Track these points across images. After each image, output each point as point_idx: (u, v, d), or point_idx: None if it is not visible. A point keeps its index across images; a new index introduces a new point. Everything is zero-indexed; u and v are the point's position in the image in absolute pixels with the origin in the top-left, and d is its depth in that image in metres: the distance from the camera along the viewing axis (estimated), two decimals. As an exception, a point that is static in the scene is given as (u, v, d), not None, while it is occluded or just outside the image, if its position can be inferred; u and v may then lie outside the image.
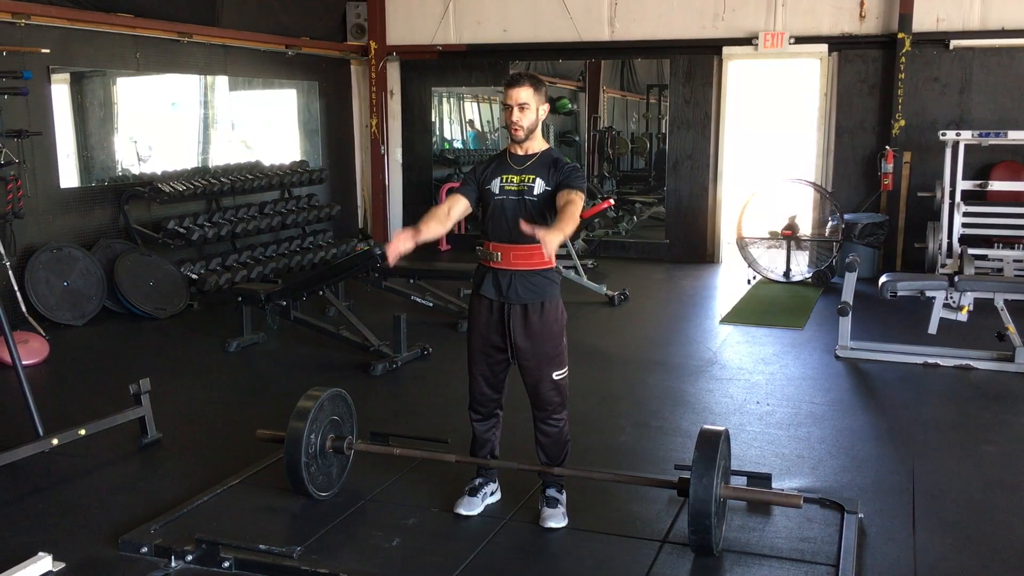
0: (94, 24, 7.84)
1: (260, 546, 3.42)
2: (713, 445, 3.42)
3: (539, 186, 3.65)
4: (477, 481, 3.98)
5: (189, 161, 9.27)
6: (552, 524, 3.77)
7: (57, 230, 7.62)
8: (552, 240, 3.24)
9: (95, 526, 3.81)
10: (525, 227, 3.39)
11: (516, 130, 3.65)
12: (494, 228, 3.71)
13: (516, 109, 3.63)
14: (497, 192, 3.69)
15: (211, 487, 4.10)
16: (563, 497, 3.85)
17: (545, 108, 3.70)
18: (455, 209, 3.77)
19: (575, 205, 3.50)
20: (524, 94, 3.62)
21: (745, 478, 4.04)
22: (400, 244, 3.60)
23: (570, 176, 3.65)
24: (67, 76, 7.95)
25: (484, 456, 3.95)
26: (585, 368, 3.86)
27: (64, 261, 7.41)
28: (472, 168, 3.89)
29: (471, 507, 3.91)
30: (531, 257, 3.66)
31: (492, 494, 4.00)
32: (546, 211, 3.65)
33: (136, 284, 7.72)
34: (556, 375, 3.75)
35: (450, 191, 3.88)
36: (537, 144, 3.73)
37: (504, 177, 3.70)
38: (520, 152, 3.73)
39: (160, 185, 8.23)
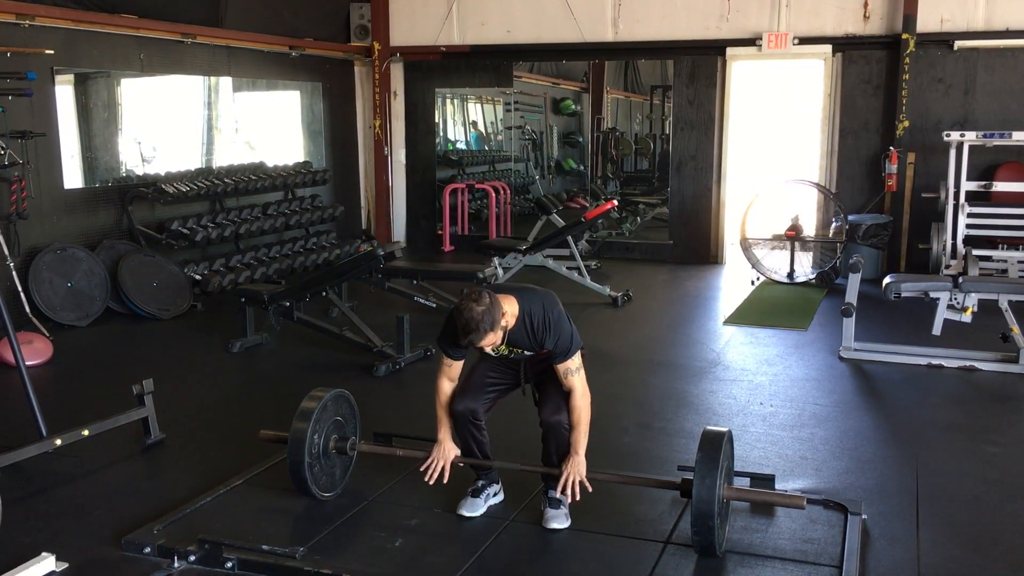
0: (98, 25, 7.85)
1: (263, 546, 3.43)
2: (716, 446, 3.41)
3: (529, 353, 3.75)
4: (480, 483, 3.98)
5: (193, 162, 9.28)
6: (555, 525, 3.77)
7: (61, 231, 7.63)
8: (580, 471, 3.62)
9: (98, 526, 3.81)
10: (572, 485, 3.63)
11: (495, 349, 3.66)
12: (502, 363, 3.85)
13: (488, 347, 3.59)
14: (492, 353, 3.75)
15: (214, 487, 4.10)
16: (566, 498, 3.85)
17: (505, 315, 3.51)
18: (455, 377, 3.85)
19: (582, 406, 3.66)
20: (489, 340, 3.50)
21: (748, 479, 4.03)
22: (449, 453, 3.82)
23: (558, 347, 3.63)
24: (71, 77, 7.96)
25: (476, 456, 3.95)
26: (589, 369, 3.85)
27: (68, 262, 7.42)
28: (445, 337, 3.70)
29: (474, 508, 3.90)
30: (538, 356, 3.79)
31: (495, 495, 4.00)
32: (543, 359, 3.76)
33: (140, 285, 7.73)
34: (573, 364, 3.72)
35: (440, 348, 3.79)
36: (511, 324, 3.61)
37: (493, 348, 3.68)
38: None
39: (164, 186, 8.24)
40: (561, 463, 3.74)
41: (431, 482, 3.80)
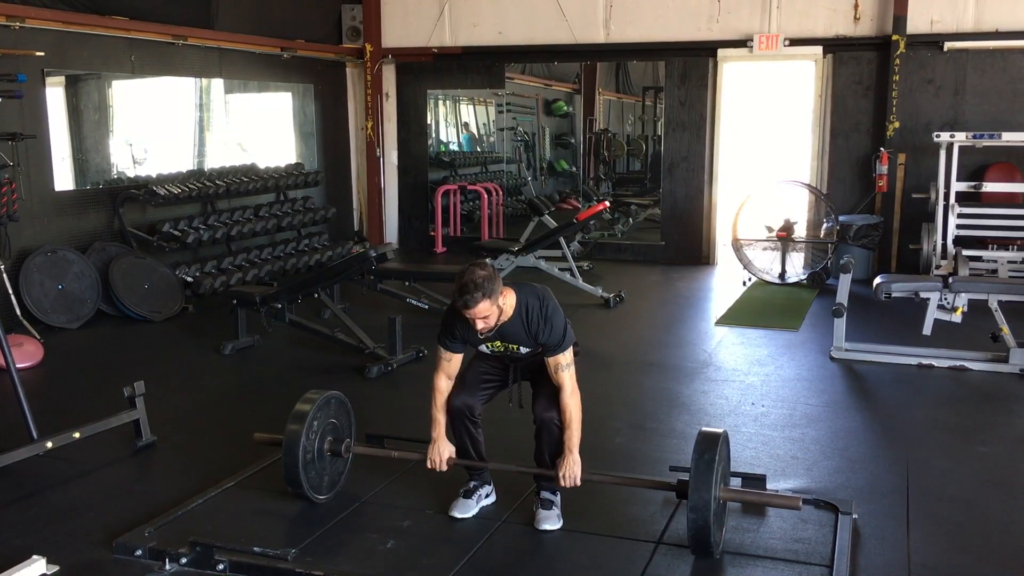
0: (88, 27, 7.83)
1: (255, 548, 3.43)
2: (712, 447, 3.41)
3: (524, 350, 3.75)
4: (472, 483, 3.98)
5: (184, 164, 9.27)
6: (547, 526, 3.77)
7: (52, 233, 7.61)
8: (575, 471, 3.63)
9: (89, 529, 3.80)
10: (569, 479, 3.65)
11: (483, 332, 3.61)
12: (496, 361, 3.87)
13: (479, 321, 3.53)
14: (488, 351, 3.80)
15: (206, 490, 4.09)
16: (557, 499, 3.85)
17: (503, 297, 3.54)
18: (454, 374, 3.83)
19: (573, 404, 3.68)
20: (482, 309, 3.46)
21: (740, 479, 4.04)
22: (444, 451, 3.80)
23: (551, 340, 3.65)
24: (62, 79, 7.94)
25: (471, 457, 3.95)
26: (581, 370, 3.86)
27: (59, 264, 7.40)
28: (447, 323, 3.73)
29: (465, 509, 3.90)
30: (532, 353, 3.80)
31: (487, 496, 4.00)
32: (537, 359, 3.78)
33: (131, 287, 7.71)
34: (564, 360, 3.74)
35: (440, 343, 3.79)
36: (504, 312, 3.60)
37: (489, 344, 3.75)
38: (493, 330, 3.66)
39: (155, 188, 8.23)
40: (554, 461, 3.75)
41: (438, 470, 3.84)
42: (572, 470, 3.64)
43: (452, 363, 3.80)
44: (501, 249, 8.87)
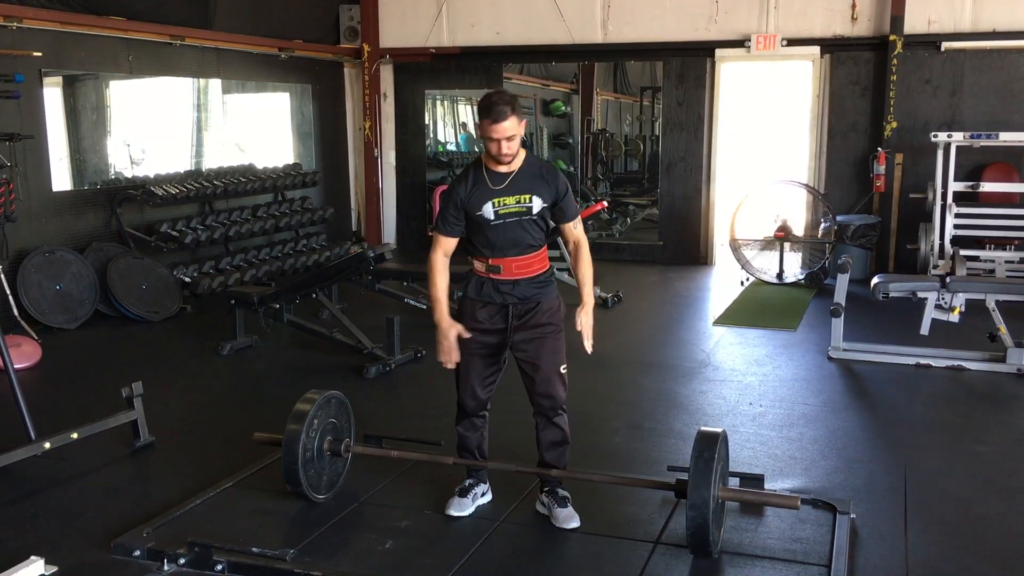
0: (86, 27, 7.83)
1: (253, 549, 3.43)
2: (711, 446, 3.41)
3: (537, 204, 3.64)
4: (468, 482, 3.98)
5: (182, 164, 9.26)
6: (572, 524, 3.77)
7: (49, 233, 7.60)
8: (590, 319, 3.73)
9: (87, 529, 3.80)
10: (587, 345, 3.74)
11: (506, 159, 3.58)
12: (494, 247, 3.69)
13: (504, 142, 3.52)
14: (492, 218, 3.63)
15: (204, 490, 4.09)
16: (569, 496, 3.87)
17: (523, 124, 3.60)
18: (451, 251, 3.79)
19: (588, 260, 3.77)
20: (509, 125, 3.49)
21: (738, 479, 4.05)
22: (452, 333, 3.72)
23: (567, 200, 3.69)
24: (59, 79, 7.94)
25: (472, 456, 3.95)
26: (579, 369, 3.87)
27: (56, 264, 7.39)
28: (448, 194, 3.71)
29: (462, 508, 3.91)
30: (531, 265, 3.73)
31: (483, 495, 4.00)
32: (545, 223, 3.73)
33: (129, 287, 7.71)
34: (563, 368, 3.77)
35: (436, 229, 3.78)
36: (518, 158, 3.66)
37: (496, 201, 3.62)
38: (503, 170, 3.63)
39: (153, 188, 8.22)
40: (556, 464, 3.78)
41: (450, 366, 3.79)
42: (590, 322, 3.77)
43: (449, 243, 3.77)
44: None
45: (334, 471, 4.07)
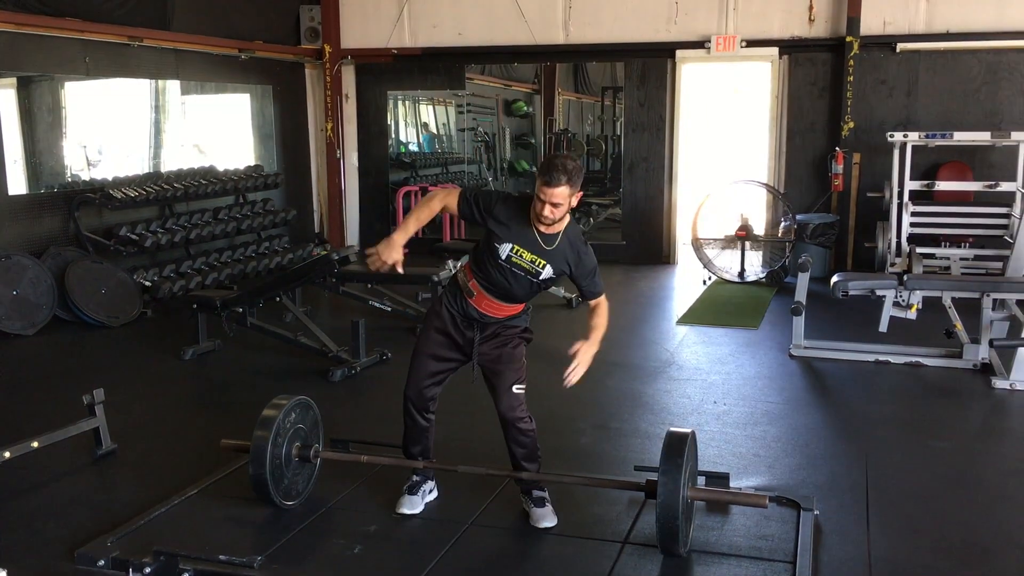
0: (42, 28, 7.70)
1: (220, 556, 3.40)
2: (681, 446, 3.45)
3: (546, 273, 3.66)
4: (415, 478, 4.02)
5: (141, 166, 9.16)
6: (548, 524, 3.80)
7: (5, 238, 7.47)
8: (589, 357, 3.74)
9: (50, 539, 3.74)
10: (579, 372, 3.72)
11: (546, 222, 3.54)
12: (487, 279, 3.70)
13: (549, 206, 3.47)
14: (503, 259, 3.63)
15: (169, 498, 4.05)
16: (547, 494, 3.89)
17: (577, 197, 3.53)
18: (445, 208, 3.75)
19: (604, 317, 3.83)
20: (560, 193, 3.44)
21: (704, 478, 4.09)
22: (395, 254, 3.73)
23: (591, 279, 3.74)
24: (14, 81, 7.81)
25: (417, 455, 3.97)
26: (544, 370, 3.89)
27: (13, 269, 7.26)
28: (487, 197, 3.68)
29: (413, 505, 3.95)
30: (502, 311, 3.77)
31: (430, 491, 4.06)
32: (543, 288, 3.77)
33: (88, 292, 7.60)
34: (516, 388, 3.78)
35: (464, 199, 3.72)
36: (560, 223, 3.61)
37: (516, 248, 3.61)
38: (541, 228, 3.59)
39: (111, 191, 8.11)
40: (526, 465, 3.81)
41: (382, 268, 3.80)
42: (586, 359, 3.76)
43: (453, 207, 3.72)
44: (463, 250, 8.85)
45: (303, 477, 4.05)
